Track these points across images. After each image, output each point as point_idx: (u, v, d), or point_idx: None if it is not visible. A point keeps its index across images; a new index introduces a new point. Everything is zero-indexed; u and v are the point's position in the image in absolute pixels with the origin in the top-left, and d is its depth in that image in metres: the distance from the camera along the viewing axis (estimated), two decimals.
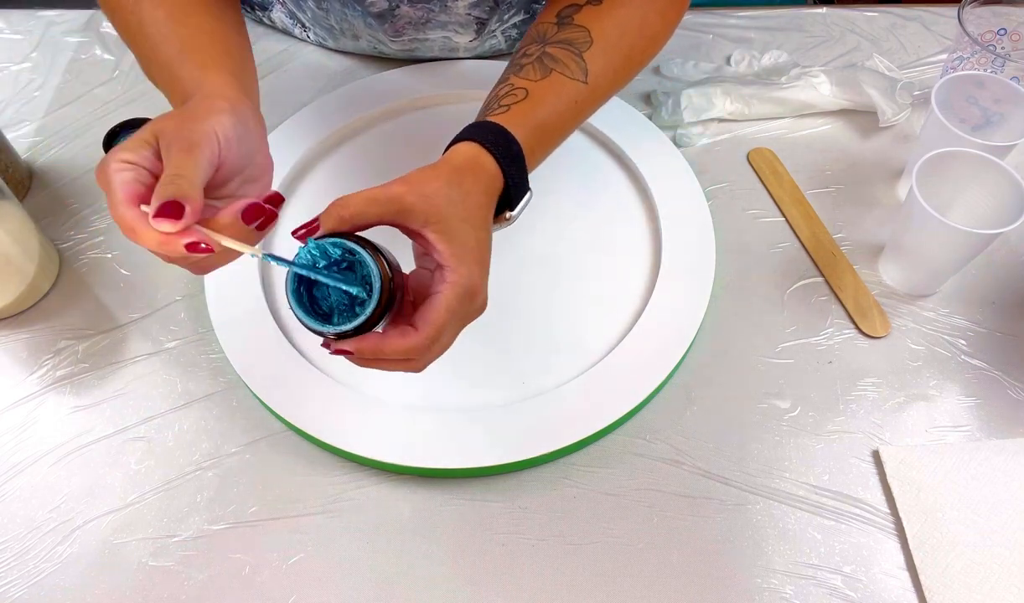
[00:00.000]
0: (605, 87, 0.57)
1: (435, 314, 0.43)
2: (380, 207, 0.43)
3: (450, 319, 0.44)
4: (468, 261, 0.44)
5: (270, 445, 0.58)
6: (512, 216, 0.52)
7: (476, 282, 0.45)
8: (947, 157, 0.59)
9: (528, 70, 0.55)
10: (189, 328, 0.63)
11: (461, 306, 0.44)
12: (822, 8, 0.87)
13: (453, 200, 0.45)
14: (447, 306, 0.43)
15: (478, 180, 0.48)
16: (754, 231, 0.69)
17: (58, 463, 0.57)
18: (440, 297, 0.43)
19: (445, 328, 0.44)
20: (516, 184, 0.50)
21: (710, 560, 0.53)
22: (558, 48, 0.55)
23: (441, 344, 0.45)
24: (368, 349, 0.42)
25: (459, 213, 0.45)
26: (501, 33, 0.78)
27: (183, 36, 0.51)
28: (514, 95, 0.54)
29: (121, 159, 0.41)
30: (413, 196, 0.44)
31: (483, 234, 0.47)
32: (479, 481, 0.56)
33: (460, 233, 0.45)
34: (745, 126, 0.76)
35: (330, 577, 0.52)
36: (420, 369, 0.46)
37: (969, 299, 0.64)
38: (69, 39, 0.84)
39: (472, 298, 0.45)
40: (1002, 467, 0.55)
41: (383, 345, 0.43)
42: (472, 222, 0.46)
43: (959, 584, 0.51)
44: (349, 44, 0.80)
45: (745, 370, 0.61)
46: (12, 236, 0.61)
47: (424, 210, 0.44)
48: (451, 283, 0.44)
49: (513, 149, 0.50)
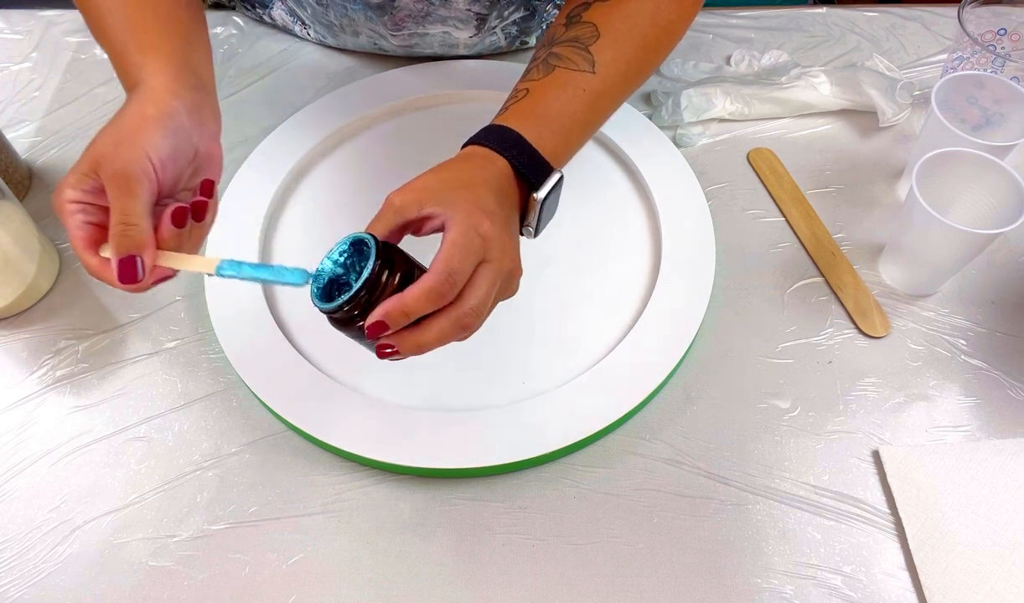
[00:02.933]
0: (618, 77, 0.57)
1: (443, 253, 0.44)
2: (382, 220, 0.47)
3: (462, 257, 0.44)
4: (464, 207, 0.46)
5: (270, 445, 0.58)
6: (538, 197, 0.52)
7: (476, 221, 0.45)
8: (947, 157, 0.59)
9: (533, 72, 0.56)
10: (189, 328, 0.63)
11: (469, 243, 0.45)
12: (822, 8, 0.87)
13: (443, 179, 0.48)
14: (453, 242, 0.44)
15: (471, 163, 0.50)
16: (754, 231, 0.69)
17: (58, 463, 0.57)
18: (445, 240, 0.45)
19: (458, 266, 0.44)
20: (528, 165, 0.51)
21: (710, 560, 0.53)
22: (564, 46, 0.56)
23: (476, 293, 0.45)
24: (394, 309, 0.43)
25: (450, 184, 0.48)
26: (501, 30, 0.78)
27: (128, 9, 0.52)
28: (515, 97, 0.55)
29: (70, 200, 0.46)
30: (403, 194, 0.47)
31: (480, 192, 0.48)
32: (479, 481, 0.56)
33: (454, 196, 0.47)
34: (745, 126, 0.76)
35: (330, 577, 0.52)
36: (470, 326, 0.46)
37: (969, 299, 0.64)
38: (69, 39, 0.84)
39: (483, 238, 0.45)
40: (1002, 467, 0.55)
41: (404, 298, 0.43)
42: (466, 185, 0.48)
43: (959, 584, 0.51)
44: (349, 41, 0.80)
45: (745, 370, 0.61)
46: (12, 236, 0.61)
47: (416, 198, 0.47)
48: (450, 226, 0.45)
49: (509, 137, 0.51)
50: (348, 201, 0.69)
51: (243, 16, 0.86)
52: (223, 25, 0.85)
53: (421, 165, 0.71)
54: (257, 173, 0.70)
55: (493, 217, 0.47)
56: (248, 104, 0.78)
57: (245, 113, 0.77)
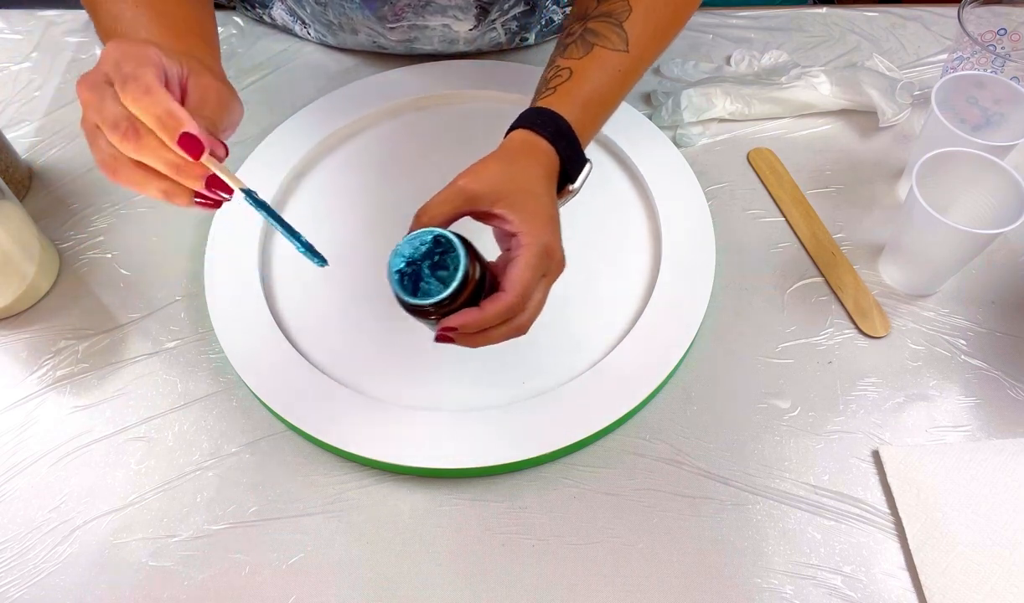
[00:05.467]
0: (647, 53, 0.59)
1: (519, 272, 0.47)
2: (450, 203, 0.48)
3: (533, 276, 0.48)
4: (537, 223, 0.49)
5: (270, 445, 0.58)
6: (574, 188, 0.55)
7: (549, 240, 0.49)
8: (947, 157, 0.59)
9: (572, 49, 0.57)
10: (189, 328, 0.63)
11: (540, 263, 0.48)
12: (822, 8, 0.87)
13: (512, 176, 0.50)
14: (527, 263, 0.48)
15: (532, 157, 0.52)
16: (754, 231, 0.69)
17: (58, 463, 0.57)
18: (520, 259, 0.48)
19: (530, 285, 0.48)
20: (570, 158, 0.54)
21: (710, 560, 0.53)
22: (599, 22, 0.57)
23: (535, 302, 0.49)
24: (472, 322, 0.46)
25: (520, 186, 0.50)
26: (501, 25, 0.77)
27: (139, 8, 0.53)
28: (559, 76, 0.56)
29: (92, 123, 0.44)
30: (476, 183, 0.49)
31: (546, 200, 0.51)
32: (479, 481, 0.56)
33: (525, 202, 0.49)
34: (745, 126, 0.76)
35: (330, 577, 0.52)
36: (525, 330, 0.50)
37: (969, 299, 0.64)
38: (69, 39, 0.84)
39: (550, 255, 0.49)
40: (1002, 467, 0.55)
41: (483, 313, 0.46)
42: (533, 191, 0.50)
43: (959, 584, 0.51)
44: (349, 39, 0.80)
45: (745, 370, 0.61)
46: (12, 236, 0.61)
47: (488, 192, 0.49)
48: (526, 245, 0.48)
49: (562, 127, 0.53)
50: (348, 201, 0.69)
51: (243, 16, 0.86)
52: (223, 25, 0.85)
53: (421, 165, 0.72)
54: (257, 173, 0.70)
55: (556, 225, 0.50)
56: (248, 104, 0.77)
57: (245, 113, 0.77)
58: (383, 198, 0.69)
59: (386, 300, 0.63)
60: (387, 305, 0.63)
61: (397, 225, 0.50)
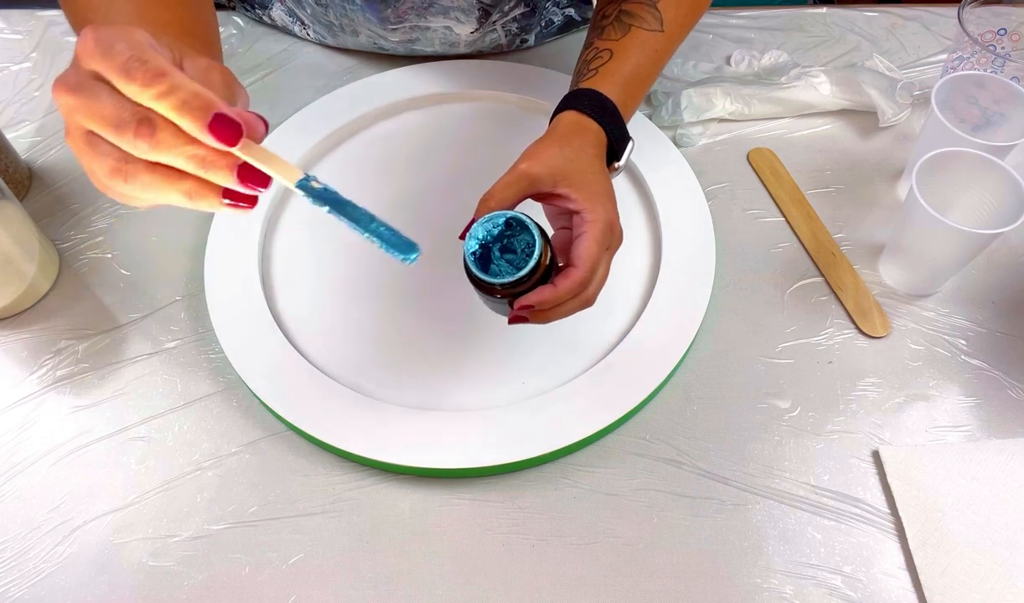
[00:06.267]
0: (679, 32, 0.61)
1: (587, 248, 0.49)
2: (514, 187, 0.50)
3: (600, 250, 0.50)
4: (599, 200, 0.51)
5: (270, 445, 0.58)
6: (620, 165, 0.58)
7: (611, 216, 0.51)
8: (947, 157, 0.59)
9: (609, 31, 0.60)
10: (189, 328, 0.63)
11: (605, 238, 0.50)
12: (822, 8, 0.87)
13: (569, 157, 0.52)
14: (595, 239, 0.50)
15: (585, 138, 0.54)
16: (754, 231, 0.69)
17: (58, 463, 0.57)
18: (587, 235, 0.50)
19: (598, 258, 0.50)
20: (616, 136, 0.56)
21: (710, 560, 0.53)
22: (634, 4, 0.60)
23: (600, 275, 0.51)
24: (547, 299, 0.48)
25: (578, 166, 0.52)
26: (501, 27, 0.78)
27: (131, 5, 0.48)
28: (600, 58, 0.58)
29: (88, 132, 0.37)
30: (537, 166, 0.51)
31: (603, 177, 0.53)
32: (479, 481, 0.56)
33: (585, 180, 0.51)
34: (745, 126, 0.76)
35: (330, 577, 0.52)
36: (592, 302, 0.52)
37: (969, 299, 0.64)
38: (69, 39, 0.84)
39: (612, 229, 0.51)
40: (1002, 467, 0.55)
41: (556, 290, 0.48)
42: (591, 170, 0.52)
43: (959, 584, 0.51)
44: (349, 41, 0.80)
45: (745, 370, 0.61)
46: (12, 236, 0.61)
47: (550, 173, 0.51)
48: (592, 221, 0.50)
49: (608, 107, 0.55)
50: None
51: (243, 16, 0.86)
52: (223, 25, 0.85)
53: (421, 165, 0.72)
54: None
55: (614, 200, 0.52)
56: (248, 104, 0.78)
57: None
58: (383, 198, 0.69)
59: (386, 300, 0.64)
60: (387, 305, 0.63)
61: (397, 224, 0.50)
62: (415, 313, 0.63)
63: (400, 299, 0.64)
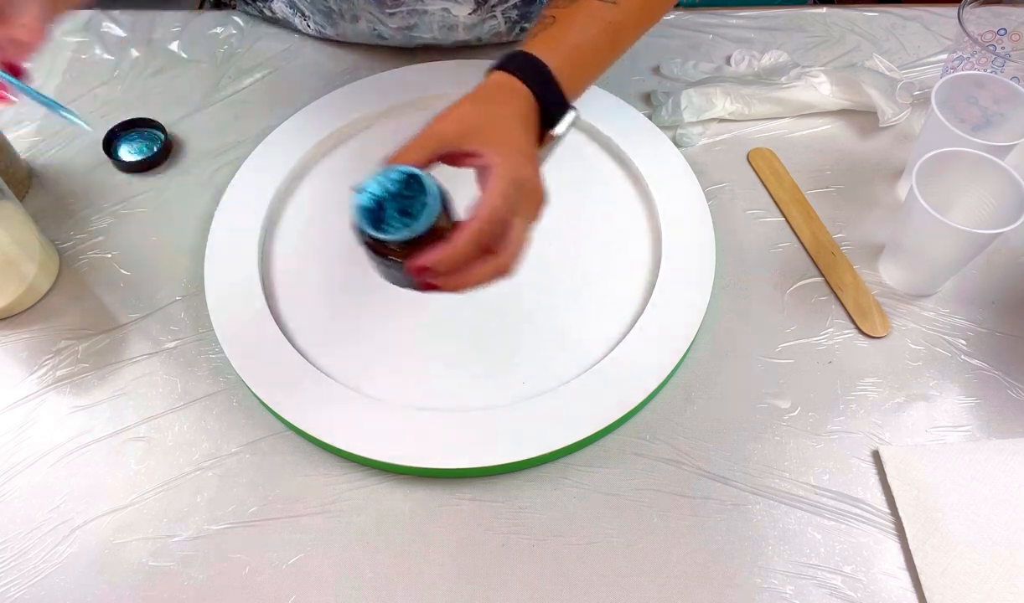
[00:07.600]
0: (639, 9, 0.58)
1: (487, 197, 0.46)
2: (423, 147, 0.47)
3: (503, 202, 0.46)
4: (508, 153, 0.47)
5: (270, 445, 0.58)
6: (556, 134, 0.54)
7: (522, 171, 0.47)
8: (947, 157, 0.59)
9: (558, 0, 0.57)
10: (189, 328, 0.63)
11: (511, 191, 0.46)
12: (822, 8, 0.87)
13: (484, 113, 0.49)
14: (495, 189, 0.46)
15: (508, 98, 0.51)
16: (754, 231, 0.69)
17: (58, 463, 0.57)
18: (488, 188, 0.46)
19: (499, 210, 0.45)
20: (552, 103, 0.53)
21: (710, 560, 0.53)
22: None
23: (513, 239, 0.47)
24: (444, 257, 0.44)
25: (492, 122, 0.49)
26: (501, 13, 0.77)
27: None
28: (543, 24, 0.56)
29: None
30: (445, 123, 0.48)
31: (520, 134, 0.50)
32: (479, 481, 0.56)
33: (496, 135, 0.48)
34: (745, 126, 0.76)
35: (330, 577, 0.52)
36: (507, 270, 0.47)
37: (969, 299, 0.64)
38: (69, 39, 0.84)
39: (522, 186, 0.47)
40: (1002, 467, 0.55)
41: (452, 245, 0.44)
42: (507, 127, 0.49)
43: (959, 584, 0.51)
44: (348, 28, 0.80)
45: (745, 370, 0.61)
46: (12, 236, 0.61)
47: (459, 129, 0.48)
48: (497, 175, 0.46)
49: (541, 70, 0.52)
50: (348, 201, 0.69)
51: (243, 15, 0.86)
52: (223, 25, 0.85)
53: None
54: (257, 173, 0.70)
55: (530, 159, 0.49)
56: (248, 104, 0.78)
57: (245, 113, 0.77)
58: None
59: (387, 300, 0.63)
60: (387, 305, 0.63)
61: None
62: (415, 313, 0.63)
63: (400, 299, 0.64)
